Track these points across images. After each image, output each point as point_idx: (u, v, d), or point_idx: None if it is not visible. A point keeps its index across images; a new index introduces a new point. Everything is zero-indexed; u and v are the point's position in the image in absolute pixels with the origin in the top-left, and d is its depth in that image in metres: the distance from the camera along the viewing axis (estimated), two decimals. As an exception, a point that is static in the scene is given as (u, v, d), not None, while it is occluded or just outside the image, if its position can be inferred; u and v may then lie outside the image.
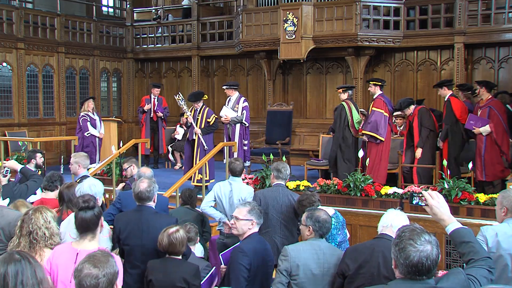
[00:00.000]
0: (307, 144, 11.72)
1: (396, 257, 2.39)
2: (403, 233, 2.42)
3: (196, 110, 8.70)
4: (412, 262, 2.33)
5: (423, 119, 7.98)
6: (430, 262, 2.34)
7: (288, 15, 10.74)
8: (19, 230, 3.32)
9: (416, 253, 2.33)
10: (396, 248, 2.40)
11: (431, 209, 2.83)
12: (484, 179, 7.48)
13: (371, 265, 3.19)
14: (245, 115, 9.03)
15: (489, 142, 7.50)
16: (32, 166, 7.03)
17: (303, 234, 3.68)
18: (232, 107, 9.09)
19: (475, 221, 6.40)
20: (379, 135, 7.85)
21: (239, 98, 9.16)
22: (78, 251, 3.10)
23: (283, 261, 3.49)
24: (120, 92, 14.56)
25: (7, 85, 11.78)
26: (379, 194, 7.04)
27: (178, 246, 3.72)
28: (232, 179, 5.80)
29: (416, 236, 2.38)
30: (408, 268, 2.35)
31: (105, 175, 9.05)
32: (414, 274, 2.35)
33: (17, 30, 11.85)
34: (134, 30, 14.35)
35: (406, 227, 2.49)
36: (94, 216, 3.19)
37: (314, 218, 3.60)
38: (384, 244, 3.22)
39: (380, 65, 11.66)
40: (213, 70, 13.78)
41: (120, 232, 4.02)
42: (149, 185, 4.07)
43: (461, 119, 7.77)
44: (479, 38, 10.10)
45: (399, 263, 2.38)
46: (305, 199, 4.59)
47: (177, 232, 3.75)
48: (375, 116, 7.91)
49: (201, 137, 8.50)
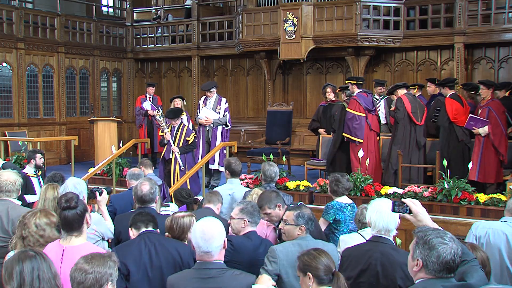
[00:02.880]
0: (307, 144, 11.72)
1: (425, 257, 2.42)
2: (427, 233, 2.46)
3: (174, 128, 7.93)
4: (446, 260, 2.39)
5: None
6: (458, 258, 2.42)
7: (288, 15, 10.75)
8: (17, 231, 3.34)
9: (448, 250, 2.39)
10: (424, 248, 2.42)
11: (416, 216, 2.85)
12: (476, 179, 7.44)
13: (369, 274, 3.13)
14: (228, 117, 8.68)
15: (486, 143, 7.49)
16: (31, 166, 7.04)
17: (292, 233, 3.58)
18: (213, 108, 8.68)
19: (475, 221, 6.35)
20: (355, 136, 7.82)
21: (219, 99, 8.77)
22: (64, 247, 3.12)
23: (272, 263, 3.39)
24: (120, 92, 14.56)
25: (7, 85, 11.78)
26: (379, 194, 7.04)
27: (186, 231, 3.74)
28: (230, 181, 5.76)
29: (443, 234, 2.45)
30: (441, 266, 2.39)
31: (105, 175, 9.05)
32: (445, 271, 2.40)
33: (17, 30, 11.85)
34: (134, 30, 14.36)
35: (425, 228, 2.54)
36: (77, 215, 3.17)
37: (306, 217, 3.59)
38: (382, 250, 3.13)
39: (380, 65, 11.66)
40: (213, 70, 13.78)
41: (120, 234, 4.01)
42: (151, 187, 4.09)
43: (455, 121, 7.74)
44: (479, 38, 10.11)
45: (431, 262, 2.40)
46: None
47: (185, 217, 3.77)
48: (347, 118, 7.91)
49: (178, 156, 7.81)
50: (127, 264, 3.29)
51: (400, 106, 7.81)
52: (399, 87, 8.05)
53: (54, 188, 4.18)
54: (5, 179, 4.18)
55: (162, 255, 3.36)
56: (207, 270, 2.85)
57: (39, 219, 3.30)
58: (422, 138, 7.95)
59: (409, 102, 7.82)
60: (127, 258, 3.32)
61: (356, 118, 7.81)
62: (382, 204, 3.23)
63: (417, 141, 7.86)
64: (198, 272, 2.87)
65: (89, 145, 12.95)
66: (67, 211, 3.18)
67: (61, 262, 3.03)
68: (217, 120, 8.56)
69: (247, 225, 3.79)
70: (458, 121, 7.72)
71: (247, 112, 13.32)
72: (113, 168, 8.71)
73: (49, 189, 4.17)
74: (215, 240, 2.86)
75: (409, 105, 7.78)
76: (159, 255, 3.35)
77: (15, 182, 4.21)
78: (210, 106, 8.67)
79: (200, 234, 2.88)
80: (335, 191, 4.90)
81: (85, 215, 3.23)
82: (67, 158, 12.24)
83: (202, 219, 3.03)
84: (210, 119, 8.54)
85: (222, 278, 2.83)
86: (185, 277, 2.92)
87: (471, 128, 7.55)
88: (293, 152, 10.89)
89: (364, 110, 7.85)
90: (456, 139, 7.80)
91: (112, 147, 9.38)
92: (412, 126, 7.84)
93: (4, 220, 3.97)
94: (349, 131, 7.87)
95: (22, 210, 4.07)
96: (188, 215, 3.74)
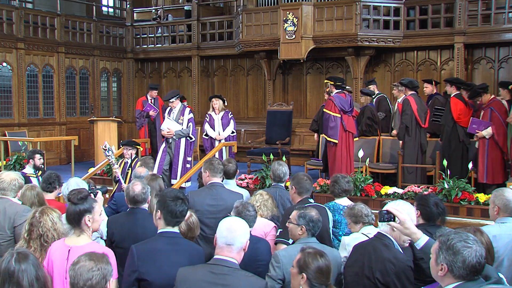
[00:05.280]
0: (307, 144, 11.72)
1: (450, 262, 2.36)
2: (450, 237, 2.40)
3: (126, 163, 7.10)
4: (472, 264, 2.34)
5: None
6: (483, 260, 2.38)
7: (288, 15, 10.75)
8: (27, 233, 3.34)
9: (473, 253, 2.35)
10: (449, 253, 2.37)
11: (404, 223, 2.84)
12: (485, 181, 7.47)
13: (357, 264, 3.18)
14: (191, 128, 7.97)
15: (491, 144, 7.48)
16: (31, 166, 7.03)
17: (294, 233, 3.61)
18: (176, 119, 7.98)
19: (475, 221, 6.38)
20: (329, 137, 7.80)
21: (183, 109, 8.06)
22: (70, 247, 3.13)
23: (276, 268, 3.39)
24: (120, 92, 14.56)
25: (7, 85, 11.78)
26: (379, 194, 7.04)
27: (195, 230, 3.81)
28: (225, 182, 5.74)
29: (465, 237, 2.39)
30: (467, 270, 2.34)
31: (105, 175, 9.05)
32: (473, 274, 2.36)
33: (17, 30, 11.86)
34: (134, 30, 14.36)
35: (447, 232, 2.49)
36: (75, 211, 3.20)
37: (308, 218, 3.57)
38: (374, 245, 3.16)
39: (380, 65, 11.66)
40: (213, 70, 13.78)
41: (113, 235, 3.98)
42: (143, 188, 4.07)
43: (459, 121, 7.72)
44: (479, 38, 10.11)
45: (457, 267, 2.35)
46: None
47: (191, 217, 3.82)
48: (324, 118, 7.89)
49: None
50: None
51: (407, 109, 7.69)
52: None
53: (32, 188, 4.34)
54: (2, 178, 4.22)
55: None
56: (220, 266, 2.86)
57: (51, 214, 3.37)
58: (426, 141, 7.90)
59: (415, 104, 7.74)
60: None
61: (332, 119, 7.77)
62: (400, 205, 3.19)
63: (421, 143, 7.79)
64: (211, 267, 2.89)
65: (89, 145, 12.95)
66: (70, 204, 3.21)
67: (66, 262, 3.03)
68: (179, 132, 7.86)
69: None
70: (461, 121, 7.71)
71: (247, 112, 13.32)
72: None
73: (27, 191, 4.31)
74: (239, 235, 2.89)
75: (415, 106, 7.71)
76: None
77: (11, 181, 4.21)
78: (173, 116, 8.04)
79: (227, 226, 2.92)
80: (333, 192, 4.90)
81: (84, 215, 3.21)
82: (67, 158, 12.25)
83: (232, 217, 3.13)
84: (172, 131, 7.85)
85: (233, 277, 2.83)
86: (198, 269, 2.94)
87: (474, 132, 7.52)
88: (293, 152, 10.89)
89: (339, 111, 7.79)
90: (458, 139, 7.79)
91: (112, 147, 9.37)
92: (417, 129, 7.75)
93: (1, 218, 4.00)
94: (325, 131, 7.88)
95: (18, 208, 4.11)
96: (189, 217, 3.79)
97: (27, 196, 4.34)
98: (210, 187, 4.87)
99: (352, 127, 7.94)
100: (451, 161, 7.54)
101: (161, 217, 3.25)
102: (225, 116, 9.02)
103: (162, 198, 3.28)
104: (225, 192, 4.90)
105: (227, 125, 8.95)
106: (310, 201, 4.63)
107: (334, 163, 7.73)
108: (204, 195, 4.83)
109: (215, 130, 8.96)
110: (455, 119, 7.73)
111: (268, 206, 4.57)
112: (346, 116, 7.81)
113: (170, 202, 3.24)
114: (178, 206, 3.26)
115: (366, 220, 4.07)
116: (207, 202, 4.72)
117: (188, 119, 7.97)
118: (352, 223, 4.11)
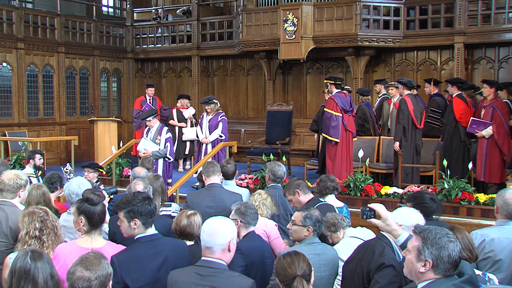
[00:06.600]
0: (307, 144, 11.72)
1: (436, 257, 2.35)
2: (432, 232, 2.40)
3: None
4: (455, 258, 2.36)
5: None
6: (461, 254, 2.42)
7: (288, 15, 10.75)
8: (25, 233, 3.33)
9: (457, 248, 2.37)
10: (434, 249, 2.35)
11: (385, 220, 2.85)
12: (483, 179, 7.48)
13: (353, 261, 3.20)
14: (169, 148, 7.50)
15: (491, 143, 7.48)
16: (31, 166, 7.03)
17: (299, 235, 3.60)
18: (153, 139, 7.53)
19: (475, 221, 6.39)
20: (331, 136, 7.80)
21: (161, 129, 7.59)
22: (88, 250, 3.11)
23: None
24: (120, 92, 14.56)
25: (7, 85, 11.78)
26: (379, 194, 7.04)
27: (195, 228, 3.74)
28: (225, 183, 5.74)
29: (445, 232, 2.41)
30: (451, 264, 2.36)
31: (105, 175, 9.05)
32: (453, 269, 2.38)
33: (17, 30, 11.86)
34: (134, 30, 14.36)
35: (424, 227, 2.48)
36: (75, 211, 3.25)
37: (314, 218, 3.58)
38: (372, 244, 3.16)
39: (380, 65, 11.66)
40: (213, 70, 13.78)
41: (115, 234, 3.99)
42: (145, 187, 4.08)
43: (461, 121, 7.73)
44: (479, 38, 10.11)
45: (442, 261, 2.35)
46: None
47: (195, 215, 3.78)
48: (325, 117, 7.89)
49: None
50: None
51: (404, 109, 7.64)
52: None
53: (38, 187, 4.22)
54: (1, 178, 4.05)
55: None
56: (206, 268, 2.90)
57: (51, 214, 3.40)
58: (421, 142, 7.82)
59: (412, 104, 7.71)
60: None
61: (334, 118, 7.78)
62: (412, 213, 3.17)
63: (416, 144, 7.72)
64: (198, 268, 2.92)
65: (89, 145, 12.94)
66: (91, 205, 3.25)
67: None
68: (156, 153, 7.39)
69: (241, 225, 3.76)
70: (463, 121, 7.71)
71: (247, 112, 13.32)
72: (113, 168, 8.71)
73: (34, 190, 4.16)
74: (217, 237, 2.88)
75: (412, 106, 7.69)
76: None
77: (8, 180, 4.01)
78: (150, 136, 7.58)
79: (206, 229, 2.93)
80: (319, 191, 4.91)
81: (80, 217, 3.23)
82: (67, 158, 12.23)
83: (216, 217, 3.05)
84: (148, 152, 7.37)
85: (219, 278, 2.85)
86: (187, 272, 2.96)
87: (474, 132, 7.53)
88: (293, 152, 10.89)
89: (340, 110, 7.80)
90: (459, 139, 7.80)
91: (112, 147, 9.39)
92: (413, 129, 7.69)
93: (4, 225, 3.83)
94: (326, 130, 7.87)
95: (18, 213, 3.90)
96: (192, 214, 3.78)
97: (33, 195, 4.16)
98: (209, 188, 4.88)
99: (352, 126, 7.97)
100: (453, 161, 7.56)
101: (139, 224, 3.20)
102: (214, 118, 8.91)
103: (129, 207, 3.21)
104: (224, 192, 4.90)
105: (215, 127, 8.83)
106: (320, 200, 4.65)
107: (334, 162, 7.73)
108: (202, 196, 4.84)
109: (203, 133, 8.94)
110: (457, 119, 7.74)
111: (267, 205, 4.57)
112: (346, 115, 7.83)
113: (140, 206, 3.20)
114: (151, 205, 3.25)
115: (344, 223, 4.01)
116: (206, 203, 4.72)
117: (166, 139, 7.53)
118: (333, 234, 3.99)
